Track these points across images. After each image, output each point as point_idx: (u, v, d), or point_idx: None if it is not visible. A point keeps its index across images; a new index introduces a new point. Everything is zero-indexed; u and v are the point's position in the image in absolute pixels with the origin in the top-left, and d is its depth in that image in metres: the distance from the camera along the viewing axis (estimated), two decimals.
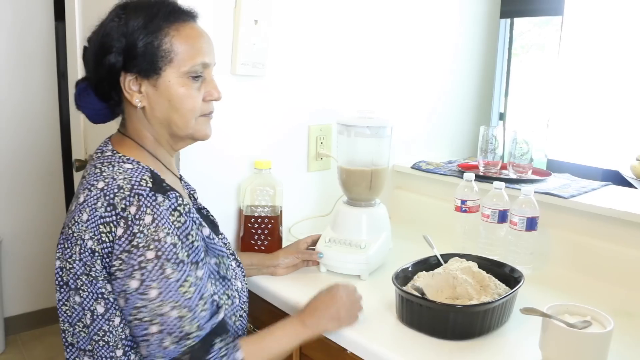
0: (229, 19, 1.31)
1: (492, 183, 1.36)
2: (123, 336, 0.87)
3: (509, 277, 1.11)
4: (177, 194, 0.87)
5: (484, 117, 2.05)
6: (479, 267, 1.13)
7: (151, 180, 0.86)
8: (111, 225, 0.83)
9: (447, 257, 1.17)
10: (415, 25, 1.75)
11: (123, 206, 0.83)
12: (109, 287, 0.85)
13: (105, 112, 1.00)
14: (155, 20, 0.91)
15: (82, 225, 0.85)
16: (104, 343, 0.87)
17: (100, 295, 0.85)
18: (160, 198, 0.84)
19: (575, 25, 1.87)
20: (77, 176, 2.03)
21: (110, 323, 0.86)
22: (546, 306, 0.90)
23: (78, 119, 1.93)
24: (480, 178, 1.49)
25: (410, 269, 1.13)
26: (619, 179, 1.64)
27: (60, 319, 0.91)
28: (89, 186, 0.87)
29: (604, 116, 1.81)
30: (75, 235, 0.86)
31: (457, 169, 1.65)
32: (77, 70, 1.87)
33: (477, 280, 1.09)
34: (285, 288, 1.21)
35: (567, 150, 1.94)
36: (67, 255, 0.87)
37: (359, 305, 1.05)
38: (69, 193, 2.63)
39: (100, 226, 0.83)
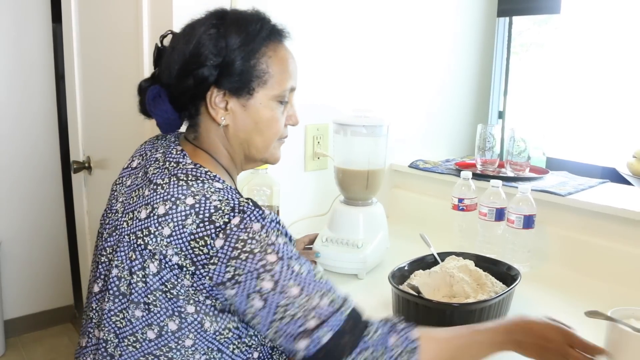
0: None
1: (489, 181, 1.36)
2: (192, 359, 0.82)
3: (506, 275, 1.11)
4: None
5: (482, 116, 2.05)
6: (476, 265, 1.13)
7: (249, 199, 0.82)
8: (206, 238, 0.77)
9: (443, 255, 1.17)
10: (412, 23, 1.75)
11: (226, 220, 0.78)
12: (190, 308, 0.80)
13: (176, 122, 0.94)
14: (257, 39, 0.88)
15: (162, 240, 0.79)
16: (165, 359, 0.81)
17: (177, 314, 0.80)
18: (266, 211, 0.81)
19: (572, 23, 1.87)
20: (75, 178, 2.03)
21: (180, 342, 0.81)
22: (610, 310, 0.87)
23: (75, 121, 1.93)
24: (478, 176, 1.49)
25: (406, 267, 1.13)
26: (617, 177, 1.64)
27: (105, 329, 0.84)
28: (174, 199, 0.80)
29: (603, 113, 1.80)
30: (150, 248, 0.80)
31: (455, 167, 1.65)
32: (73, 71, 1.87)
33: (474, 279, 1.09)
34: None
35: (566, 148, 1.93)
36: (136, 267, 0.81)
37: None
38: (68, 195, 2.63)
39: (192, 242, 0.78)
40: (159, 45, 0.94)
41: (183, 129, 0.98)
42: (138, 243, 0.81)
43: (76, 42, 1.85)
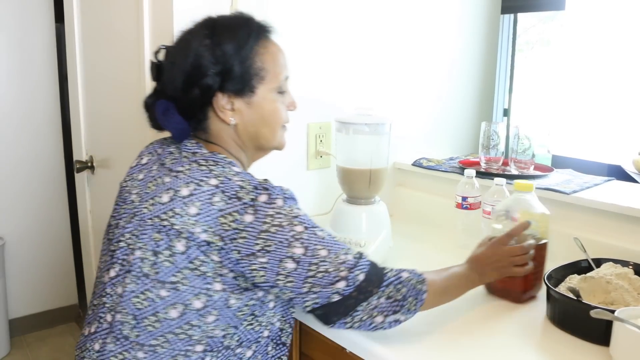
0: None
1: (493, 179, 1.35)
2: (211, 335, 0.88)
3: None
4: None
5: (486, 113, 2.04)
6: (636, 273, 1.07)
7: (266, 180, 0.90)
8: (234, 214, 0.84)
9: (599, 261, 1.15)
10: (416, 20, 1.74)
11: (253, 197, 0.85)
12: (217, 286, 0.86)
13: (188, 130, 0.98)
14: (250, 41, 0.95)
15: (189, 219, 0.85)
16: (185, 336, 0.86)
17: (204, 291, 0.86)
18: (283, 187, 0.89)
19: (577, 20, 1.85)
20: (78, 178, 2.03)
21: (202, 319, 0.87)
22: (617, 310, 0.87)
23: (78, 121, 1.93)
24: (481, 174, 1.48)
25: (560, 271, 1.11)
26: (623, 174, 1.63)
27: (124, 311, 0.88)
28: (197, 181, 0.87)
29: (608, 110, 1.79)
30: (176, 228, 0.85)
31: (459, 165, 1.64)
32: (76, 71, 1.87)
33: (635, 287, 1.03)
34: None
35: (571, 145, 1.92)
36: (162, 248, 0.86)
37: (519, 253, 1.05)
38: (72, 194, 2.63)
39: (220, 218, 0.84)
40: (155, 61, 0.99)
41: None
42: (163, 224, 0.86)
43: (78, 42, 1.85)
